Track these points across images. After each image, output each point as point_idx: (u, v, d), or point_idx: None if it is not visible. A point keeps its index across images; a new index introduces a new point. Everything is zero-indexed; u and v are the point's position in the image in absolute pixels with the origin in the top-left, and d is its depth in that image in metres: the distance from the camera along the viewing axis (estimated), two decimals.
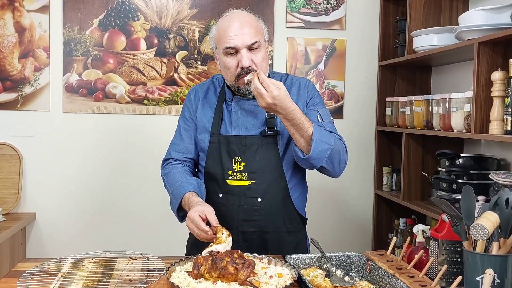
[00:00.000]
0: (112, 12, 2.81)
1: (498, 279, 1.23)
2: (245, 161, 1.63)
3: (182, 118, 1.77)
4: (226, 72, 1.64)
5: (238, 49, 1.57)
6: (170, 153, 1.77)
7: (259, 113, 1.67)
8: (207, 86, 1.77)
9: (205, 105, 1.73)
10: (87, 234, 2.84)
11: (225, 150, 1.64)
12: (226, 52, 1.59)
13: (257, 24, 1.63)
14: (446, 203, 1.33)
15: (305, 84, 1.73)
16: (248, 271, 1.28)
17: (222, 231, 1.45)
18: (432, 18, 2.55)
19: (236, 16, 1.62)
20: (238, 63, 1.58)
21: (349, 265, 1.53)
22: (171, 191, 1.66)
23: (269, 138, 1.64)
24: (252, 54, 1.58)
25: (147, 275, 1.36)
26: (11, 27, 2.74)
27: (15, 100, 2.77)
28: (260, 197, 1.62)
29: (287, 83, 1.73)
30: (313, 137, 1.52)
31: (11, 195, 2.72)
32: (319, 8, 2.95)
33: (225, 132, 1.67)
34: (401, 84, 2.91)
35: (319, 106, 1.70)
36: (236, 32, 1.56)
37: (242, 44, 1.56)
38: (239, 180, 1.63)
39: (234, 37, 1.56)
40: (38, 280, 1.31)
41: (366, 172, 3.05)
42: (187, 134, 1.74)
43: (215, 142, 1.66)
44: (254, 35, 1.57)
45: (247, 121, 1.67)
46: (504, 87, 1.82)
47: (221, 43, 1.59)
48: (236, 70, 1.59)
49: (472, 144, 2.48)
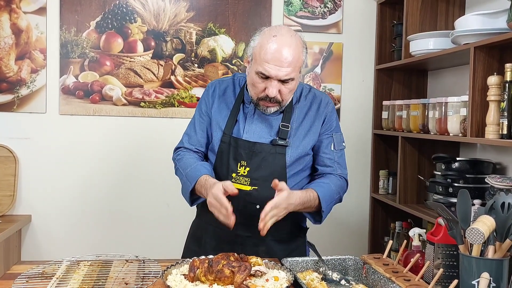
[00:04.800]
0: (109, 14, 2.81)
1: (494, 283, 1.23)
2: (250, 166, 1.62)
3: (198, 111, 1.76)
4: (251, 87, 1.62)
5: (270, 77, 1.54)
6: (183, 142, 1.76)
7: (274, 121, 1.66)
8: (226, 84, 1.75)
9: (222, 102, 1.72)
10: (83, 236, 2.83)
11: (232, 153, 1.64)
12: (258, 74, 1.55)
13: (299, 57, 1.56)
14: (442, 207, 1.33)
15: (326, 104, 1.72)
16: (244, 274, 1.27)
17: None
18: (428, 22, 2.56)
19: (283, 43, 1.53)
20: (265, 89, 1.56)
21: (346, 269, 1.53)
22: (186, 173, 1.64)
23: (278, 148, 1.63)
24: (282, 85, 1.56)
25: (143, 278, 1.36)
26: (8, 29, 2.73)
27: (11, 101, 2.76)
28: (259, 204, 1.60)
29: (309, 96, 1.72)
30: (323, 208, 1.60)
31: (6, 197, 2.71)
32: (316, 12, 2.96)
33: (237, 134, 1.66)
34: (397, 88, 2.92)
35: (334, 131, 1.72)
36: (275, 62, 1.51)
37: (276, 76, 1.53)
38: (241, 184, 1.62)
39: (272, 67, 1.52)
40: (33, 283, 1.30)
41: (362, 175, 3.06)
42: (200, 128, 1.73)
43: (226, 142, 1.66)
44: (291, 71, 1.53)
45: (260, 128, 1.66)
46: (500, 91, 1.83)
47: (257, 63, 1.55)
48: (261, 93, 1.58)
49: (468, 148, 2.49)
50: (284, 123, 1.65)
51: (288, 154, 1.64)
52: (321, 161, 1.71)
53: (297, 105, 1.70)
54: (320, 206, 1.60)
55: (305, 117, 1.69)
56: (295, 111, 1.69)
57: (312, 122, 1.69)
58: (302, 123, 1.68)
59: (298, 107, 1.70)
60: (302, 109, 1.70)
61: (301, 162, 1.68)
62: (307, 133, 1.68)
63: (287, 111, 1.66)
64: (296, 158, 1.66)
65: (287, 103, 1.64)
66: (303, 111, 1.70)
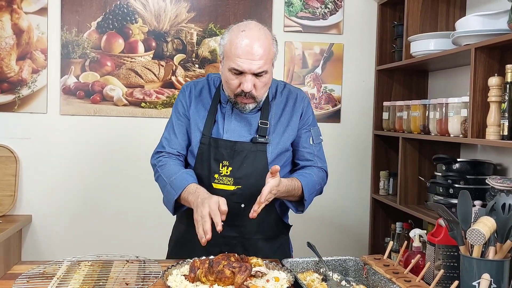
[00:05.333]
0: (110, 15, 2.81)
1: (495, 284, 1.23)
2: (232, 166, 1.62)
3: (175, 113, 1.74)
4: (226, 85, 1.62)
5: (244, 72, 1.55)
6: (163, 147, 1.73)
7: (252, 119, 1.67)
8: (202, 85, 1.75)
9: (199, 104, 1.70)
10: (84, 236, 2.83)
11: (213, 153, 1.63)
12: (231, 70, 1.56)
13: (270, 49, 1.57)
14: (442, 208, 1.33)
15: (302, 99, 1.74)
16: (245, 275, 1.28)
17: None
18: (429, 23, 2.56)
19: (252, 36, 1.54)
20: (240, 84, 1.56)
21: (346, 269, 1.53)
22: (170, 181, 1.61)
23: (259, 146, 1.64)
24: (256, 79, 1.56)
25: (143, 278, 1.36)
26: (9, 29, 2.74)
27: (12, 102, 2.76)
28: (244, 203, 1.61)
29: (284, 92, 1.74)
30: (305, 197, 1.63)
31: (7, 197, 2.71)
32: (316, 13, 2.96)
33: (217, 135, 1.66)
34: (398, 88, 2.92)
35: (312, 125, 1.76)
36: (246, 56, 1.52)
37: (249, 70, 1.53)
38: (225, 184, 1.62)
39: (244, 61, 1.52)
40: (34, 283, 1.30)
41: (362, 176, 3.06)
42: (180, 130, 1.71)
43: (206, 143, 1.65)
44: (263, 63, 1.54)
45: (239, 127, 1.66)
46: (501, 92, 1.83)
47: (229, 60, 1.55)
48: (236, 89, 1.58)
49: (468, 149, 2.49)
50: (262, 120, 1.66)
51: (269, 151, 1.65)
52: (301, 155, 1.73)
53: (274, 102, 1.71)
54: (302, 195, 1.63)
55: (282, 113, 1.70)
56: (272, 108, 1.70)
57: (290, 117, 1.71)
58: (280, 119, 1.70)
59: (275, 104, 1.71)
60: (279, 105, 1.71)
61: (282, 158, 1.69)
62: (286, 128, 1.69)
63: (264, 108, 1.67)
64: (277, 155, 1.67)
65: (263, 99, 1.65)
66: (280, 107, 1.71)
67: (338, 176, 3.04)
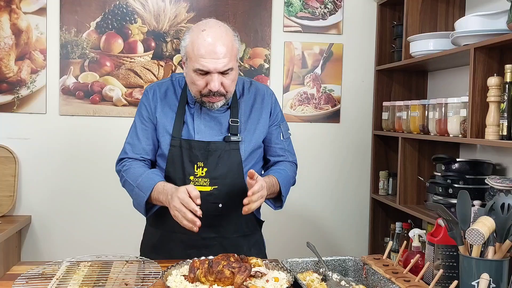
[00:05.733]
0: (109, 15, 2.81)
1: (494, 284, 1.23)
2: (207, 166, 1.61)
3: (139, 117, 1.70)
4: (192, 86, 1.59)
5: (209, 72, 1.53)
6: (126, 153, 1.70)
7: (223, 119, 1.66)
8: (166, 86, 1.70)
9: (165, 105, 1.67)
10: (83, 237, 2.83)
11: (187, 155, 1.61)
12: (196, 71, 1.54)
13: (233, 46, 1.56)
14: (442, 208, 1.33)
15: (270, 95, 1.76)
16: (244, 275, 1.28)
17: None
18: (428, 23, 2.56)
19: (213, 34, 1.52)
20: (207, 84, 1.54)
21: (345, 269, 1.53)
22: (137, 183, 1.59)
23: (232, 144, 1.63)
24: (223, 77, 1.54)
25: (143, 279, 1.36)
26: (8, 29, 2.73)
27: (11, 102, 2.76)
28: (221, 202, 1.61)
29: (251, 89, 1.74)
30: (283, 193, 1.66)
31: (6, 197, 2.71)
32: (316, 13, 2.96)
33: (187, 136, 1.64)
34: (397, 88, 2.92)
35: (281, 121, 1.78)
36: (210, 55, 1.50)
37: (214, 69, 1.52)
38: (201, 185, 1.60)
39: (208, 61, 1.50)
40: (33, 284, 1.30)
41: (362, 176, 3.06)
42: (144, 135, 1.68)
43: (176, 146, 1.62)
44: (228, 61, 1.52)
45: (210, 126, 1.65)
46: (500, 92, 1.83)
47: (192, 61, 1.53)
48: (203, 89, 1.56)
49: (468, 149, 2.49)
50: (232, 118, 1.65)
51: (242, 149, 1.65)
52: (274, 151, 1.76)
53: (242, 99, 1.71)
54: (280, 192, 1.66)
55: (251, 110, 1.71)
56: (241, 106, 1.69)
57: (259, 114, 1.71)
58: (250, 116, 1.70)
59: (243, 101, 1.71)
60: (247, 102, 1.71)
61: (254, 155, 1.70)
62: (257, 126, 1.70)
63: (233, 107, 1.67)
64: (250, 152, 1.67)
65: (231, 95, 1.63)
66: (248, 105, 1.71)
67: (338, 176, 3.04)
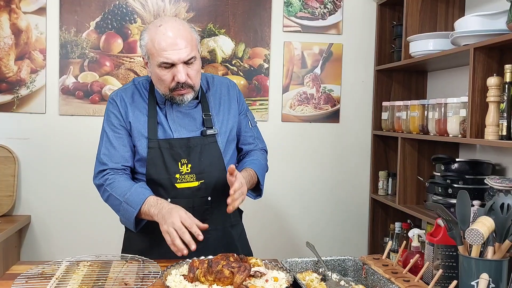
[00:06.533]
0: (109, 15, 2.81)
1: (493, 284, 1.23)
2: (191, 162, 1.63)
3: (109, 126, 1.67)
4: (160, 83, 1.60)
5: (174, 63, 1.55)
6: (105, 163, 1.65)
7: (196, 114, 1.69)
8: (131, 91, 1.70)
9: (135, 110, 1.66)
10: (82, 237, 2.83)
11: (168, 154, 1.62)
12: (161, 65, 1.55)
13: (192, 36, 1.59)
14: (441, 208, 1.33)
15: (233, 86, 1.81)
16: (244, 275, 1.28)
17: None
18: (428, 23, 2.56)
19: (171, 27, 1.56)
20: (173, 77, 1.56)
21: (345, 269, 1.53)
22: (125, 198, 1.57)
23: (210, 138, 1.67)
24: (188, 68, 1.57)
25: (142, 279, 1.36)
26: (8, 29, 2.73)
27: (11, 102, 2.76)
28: (210, 195, 1.65)
29: (215, 82, 1.78)
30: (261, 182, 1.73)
31: (6, 197, 2.71)
32: (316, 13, 2.96)
33: (164, 136, 1.64)
34: (397, 88, 2.92)
35: (247, 110, 1.84)
36: (172, 47, 1.53)
37: (178, 60, 1.54)
38: (188, 182, 1.63)
39: (171, 52, 1.53)
40: (33, 283, 1.30)
41: (362, 176, 3.06)
42: (120, 142, 1.65)
43: (155, 147, 1.62)
44: (190, 50, 1.55)
45: (185, 123, 1.67)
46: (500, 92, 1.83)
47: (155, 56, 1.55)
48: (171, 83, 1.58)
49: (467, 149, 2.49)
50: (205, 112, 1.69)
51: (219, 141, 1.69)
52: (245, 140, 1.82)
53: (209, 93, 1.75)
54: (258, 181, 1.73)
55: (220, 102, 1.75)
56: (209, 99, 1.73)
57: (228, 105, 1.76)
58: (220, 108, 1.74)
59: (211, 95, 1.75)
60: (215, 95, 1.75)
61: (231, 146, 1.75)
62: (228, 116, 1.74)
63: (203, 101, 1.71)
64: (226, 143, 1.71)
65: (198, 88, 1.65)
66: (216, 97, 1.75)
67: (337, 176, 3.04)
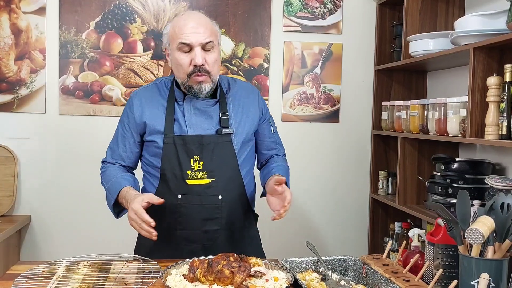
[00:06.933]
0: (109, 15, 2.81)
1: (493, 283, 1.23)
2: (203, 160, 1.64)
3: (120, 124, 1.78)
4: (178, 68, 1.65)
5: (192, 46, 1.60)
6: (106, 156, 1.79)
7: (213, 112, 1.70)
8: (151, 89, 1.76)
9: (154, 108, 1.70)
10: (82, 237, 2.83)
11: (182, 150, 1.64)
12: (180, 48, 1.61)
13: (212, 26, 1.66)
14: (441, 207, 1.33)
15: (254, 91, 1.83)
16: (244, 275, 1.28)
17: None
18: (428, 23, 2.56)
19: (192, 16, 1.66)
20: (191, 61, 1.61)
21: (345, 269, 1.53)
22: (107, 187, 1.69)
23: (225, 137, 1.68)
24: (206, 54, 1.62)
25: (142, 278, 1.36)
26: (7, 29, 2.73)
27: (11, 102, 2.76)
28: (221, 194, 1.65)
29: (236, 85, 1.81)
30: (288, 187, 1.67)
31: (6, 197, 2.71)
32: (316, 12, 2.96)
33: (180, 132, 1.67)
34: (397, 88, 2.92)
35: (269, 116, 1.87)
36: (191, 30, 1.60)
37: (196, 41, 1.59)
38: (199, 179, 1.64)
39: (190, 35, 1.59)
40: (33, 283, 1.30)
41: (362, 176, 3.06)
42: (122, 142, 1.75)
43: (170, 143, 1.65)
44: (209, 34, 1.61)
45: (201, 121, 1.68)
46: (500, 92, 1.83)
47: (175, 39, 1.62)
48: (188, 68, 1.62)
49: (467, 149, 2.49)
50: (223, 112, 1.70)
51: (234, 141, 1.70)
52: (267, 145, 1.85)
53: (229, 94, 1.77)
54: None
55: (239, 103, 1.76)
56: (229, 100, 1.75)
57: (248, 108, 1.77)
58: (238, 109, 1.75)
59: (231, 95, 1.76)
60: (235, 96, 1.77)
61: (246, 147, 1.75)
62: (246, 118, 1.75)
63: (221, 101, 1.72)
64: (241, 144, 1.72)
65: (216, 78, 1.68)
66: (236, 98, 1.77)
67: (337, 176, 3.04)
